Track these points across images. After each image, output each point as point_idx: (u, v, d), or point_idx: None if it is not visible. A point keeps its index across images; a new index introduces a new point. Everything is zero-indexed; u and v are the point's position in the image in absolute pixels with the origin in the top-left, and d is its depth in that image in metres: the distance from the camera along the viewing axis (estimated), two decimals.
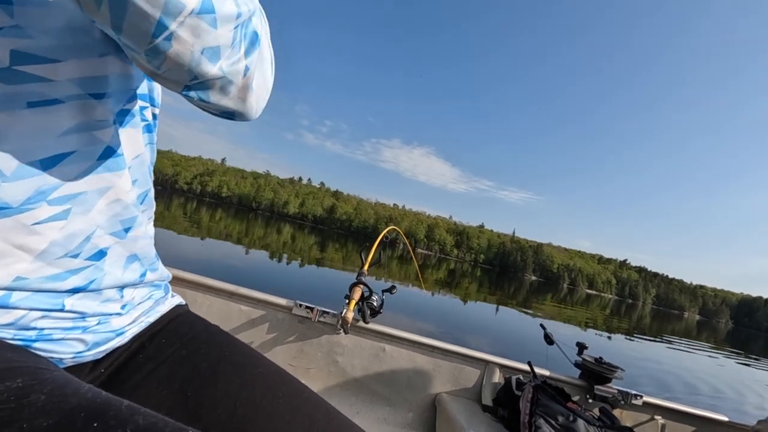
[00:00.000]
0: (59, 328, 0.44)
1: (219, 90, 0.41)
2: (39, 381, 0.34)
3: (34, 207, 0.38)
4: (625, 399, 1.65)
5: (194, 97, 0.41)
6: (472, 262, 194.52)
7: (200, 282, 1.44)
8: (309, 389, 0.58)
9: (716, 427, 1.79)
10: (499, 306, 15.88)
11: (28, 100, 0.36)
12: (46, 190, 0.39)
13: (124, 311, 0.53)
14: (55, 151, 0.39)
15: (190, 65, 0.36)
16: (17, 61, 0.35)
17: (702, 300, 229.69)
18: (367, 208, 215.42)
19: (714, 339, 30.84)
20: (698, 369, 10.92)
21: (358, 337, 1.54)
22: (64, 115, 0.39)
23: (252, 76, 0.44)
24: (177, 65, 0.36)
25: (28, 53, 0.35)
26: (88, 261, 0.45)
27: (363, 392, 1.54)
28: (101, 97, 0.42)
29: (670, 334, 23.16)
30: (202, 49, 0.36)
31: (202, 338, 0.60)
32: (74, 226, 0.42)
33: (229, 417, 0.49)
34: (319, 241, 38.59)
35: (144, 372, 0.53)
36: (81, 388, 0.35)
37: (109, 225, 0.47)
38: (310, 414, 0.52)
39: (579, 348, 1.77)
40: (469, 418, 1.39)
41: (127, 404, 0.35)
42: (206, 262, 9.33)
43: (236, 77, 0.41)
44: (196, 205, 59.98)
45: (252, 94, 0.45)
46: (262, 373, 0.56)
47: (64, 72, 0.38)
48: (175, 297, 0.69)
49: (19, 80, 0.35)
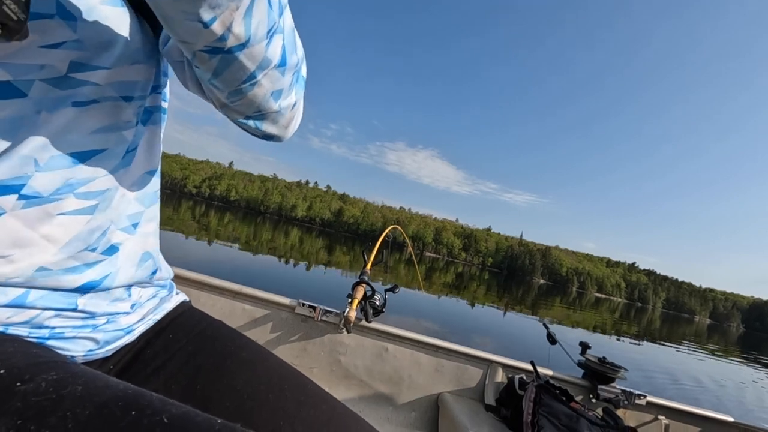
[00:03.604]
0: (70, 326, 0.45)
1: (271, 120, 0.50)
2: (72, 374, 0.35)
3: (62, 198, 0.40)
4: (628, 399, 1.64)
5: (251, 125, 0.50)
6: (480, 266, 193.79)
7: (204, 281, 1.45)
8: (313, 383, 0.58)
9: (721, 427, 1.77)
10: (506, 310, 15.75)
11: (73, 101, 0.39)
12: (75, 183, 0.41)
13: (132, 310, 0.54)
14: (86, 147, 0.41)
15: (260, 104, 0.46)
16: (73, 70, 0.38)
17: (712, 303, 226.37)
18: (374, 212, 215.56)
19: (725, 343, 30.30)
20: (716, 372, 10.75)
21: (360, 337, 1.54)
22: (98, 115, 0.41)
23: (297, 110, 0.54)
24: (250, 102, 0.45)
25: (83, 63, 0.38)
26: (102, 255, 0.47)
27: (366, 391, 1.54)
28: (130, 100, 0.45)
29: (681, 338, 22.81)
30: (272, 92, 0.46)
31: (207, 334, 0.61)
32: (97, 221, 0.44)
33: (236, 410, 0.50)
34: (327, 244, 38.72)
35: (152, 367, 0.54)
36: (111, 381, 0.36)
37: (120, 220, 0.49)
38: (315, 407, 0.53)
39: (582, 348, 1.76)
40: (471, 417, 1.39)
41: (157, 396, 0.36)
42: (215, 264, 9.42)
43: (287, 111, 0.51)
44: (205, 208, 60.35)
45: (293, 123, 0.56)
46: (268, 368, 0.57)
47: (105, 77, 0.41)
48: (180, 294, 0.70)
49: (71, 85, 0.38)
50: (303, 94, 0.55)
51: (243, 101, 0.45)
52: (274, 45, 0.41)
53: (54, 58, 0.37)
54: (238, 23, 0.36)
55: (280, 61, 0.43)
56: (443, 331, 7.73)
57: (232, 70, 0.40)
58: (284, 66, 0.44)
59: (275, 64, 0.43)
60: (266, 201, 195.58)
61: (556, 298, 40.45)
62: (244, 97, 0.44)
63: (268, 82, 0.44)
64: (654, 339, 18.20)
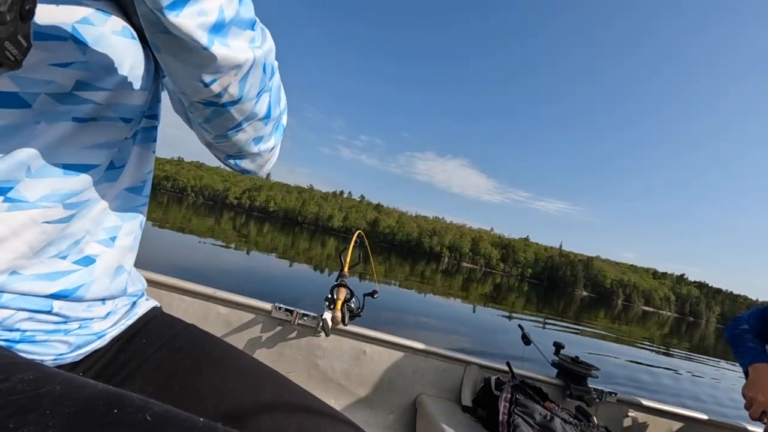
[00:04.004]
0: (42, 330, 0.45)
1: (250, 160, 0.58)
2: (48, 375, 0.34)
3: (50, 207, 0.41)
4: (600, 397, 1.66)
5: (231, 163, 0.58)
6: (519, 277, 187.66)
7: (176, 285, 1.41)
8: (288, 380, 0.60)
9: (689, 422, 1.79)
10: (546, 321, 15.25)
11: (73, 116, 0.41)
12: (63, 194, 0.42)
13: (106, 317, 0.55)
14: (79, 161, 0.43)
15: (242, 147, 0.53)
16: (78, 88, 0.40)
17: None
18: (410, 221, 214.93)
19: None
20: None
21: (338, 340, 1.54)
22: (94, 132, 0.43)
23: (274, 152, 0.62)
24: (233, 145, 0.53)
25: (88, 83, 0.41)
26: (75, 265, 0.47)
27: (343, 395, 1.54)
28: (128, 122, 0.47)
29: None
30: (254, 138, 0.53)
31: (182, 336, 0.62)
32: (70, 229, 0.45)
33: (215, 409, 0.50)
34: (362, 254, 38.91)
35: (126, 371, 0.55)
36: (90, 382, 0.36)
37: (98, 232, 0.50)
38: (292, 402, 0.54)
39: (556, 348, 1.78)
40: (448, 418, 1.40)
41: (137, 395, 0.36)
42: (251, 273, 9.78)
43: (265, 154, 0.59)
44: (245, 219, 62.61)
45: (269, 164, 0.63)
46: (243, 367, 0.59)
47: (106, 98, 0.43)
48: (150, 300, 0.71)
49: (73, 102, 0.40)
50: (281, 139, 0.61)
51: (227, 143, 0.52)
52: (262, 102, 0.48)
53: (61, 76, 0.39)
54: (234, 86, 0.42)
55: (266, 115, 0.51)
56: (469, 340, 7.60)
57: (222, 119, 0.47)
58: (268, 118, 0.52)
59: (260, 117, 0.50)
60: (303, 211, 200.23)
61: (599, 311, 38.40)
62: (229, 140, 0.51)
63: (252, 130, 0.51)
64: (707, 353, 16.97)
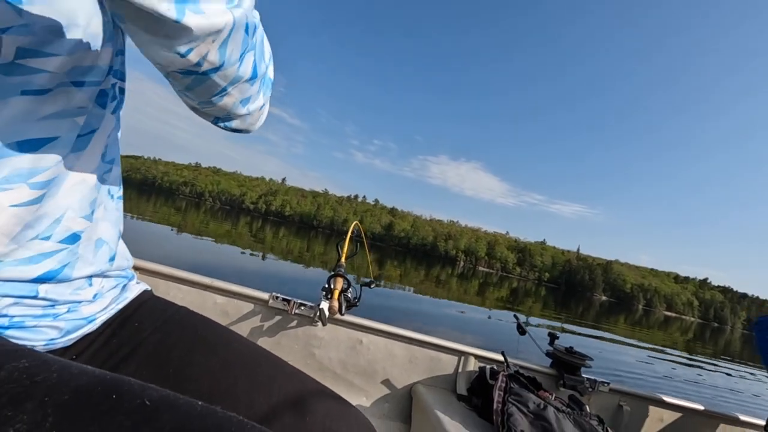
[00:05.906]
0: (30, 315, 0.43)
1: (240, 121, 0.55)
2: (43, 361, 0.34)
3: (12, 187, 0.38)
4: (593, 386, 1.67)
5: (221, 125, 0.55)
6: (536, 281, 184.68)
7: (172, 274, 1.40)
8: (283, 361, 0.60)
9: (680, 411, 1.80)
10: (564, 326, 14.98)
11: (22, 89, 0.37)
12: (25, 173, 0.39)
13: (94, 299, 0.54)
14: (37, 135, 0.39)
15: (229, 110, 0.50)
16: (21, 56, 0.36)
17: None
18: (424, 225, 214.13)
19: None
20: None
21: (335, 329, 1.55)
22: (50, 102, 0.40)
23: (264, 110, 0.58)
24: (220, 109, 0.49)
25: (31, 48, 0.36)
26: (61, 244, 0.45)
27: (340, 384, 1.55)
28: (81, 85, 0.43)
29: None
30: (241, 99, 0.49)
31: (175, 319, 0.62)
32: (45, 208, 0.42)
33: (210, 391, 0.50)
34: (378, 258, 38.97)
35: (120, 355, 0.54)
36: (86, 368, 0.35)
37: (80, 207, 0.47)
38: (288, 381, 0.55)
39: (550, 338, 1.80)
40: (443, 407, 1.42)
41: (135, 380, 0.35)
42: (267, 275, 9.93)
43: (255, 112, 0.55)
44: (261, 223, 63.37)
45: (260, 121, 0.59)
46: (238, 349, 0.59)
47: (56, 64, 0.38)
48: (141, 284, 0.69)
49: (18, 72, 0.36)
50: (270, 93, 0.58)
51: (213, 109, 0.49)
52: (246, 63, 0.44)
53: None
54: (214, 53, 0.37)
55: (251, 75, 0.46)
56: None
57: (204, 87, 0.43)
58: (254, 78, 0.48)
59: (246, 79, 0.46)
60: (319, 216, 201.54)
61: (619, 316, 37.41)
62: (215, 106, 0.48)
63: (238, 93, 0.47)
64: (732, 358, 16.38)
